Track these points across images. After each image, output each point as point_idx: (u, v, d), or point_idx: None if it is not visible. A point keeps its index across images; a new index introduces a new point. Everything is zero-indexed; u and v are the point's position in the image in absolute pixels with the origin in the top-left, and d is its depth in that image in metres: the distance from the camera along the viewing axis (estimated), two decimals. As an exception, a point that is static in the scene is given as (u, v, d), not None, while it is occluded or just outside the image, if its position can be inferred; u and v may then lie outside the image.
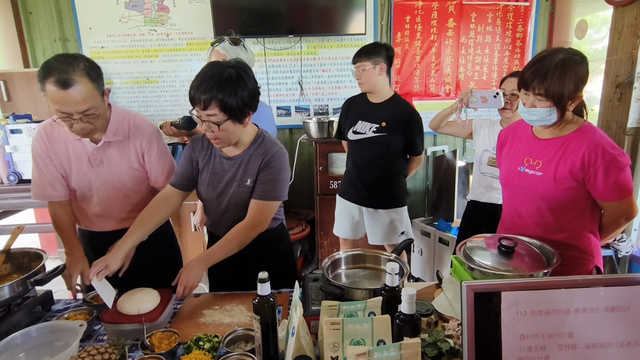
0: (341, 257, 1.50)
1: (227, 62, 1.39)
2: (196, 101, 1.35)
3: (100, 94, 1.45)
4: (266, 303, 1.08)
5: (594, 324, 0.82)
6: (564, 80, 1.31)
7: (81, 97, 1.37)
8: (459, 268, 1.39)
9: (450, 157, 3.15)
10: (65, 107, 1.37)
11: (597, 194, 1.39)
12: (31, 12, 3.32)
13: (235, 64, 1.40)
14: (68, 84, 1.34)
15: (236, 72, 1.36)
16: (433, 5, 3.33)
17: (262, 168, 1.49)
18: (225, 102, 1.32)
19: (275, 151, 1.50)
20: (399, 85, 3.49)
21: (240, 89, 1.34)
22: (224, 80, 1.32)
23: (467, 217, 2.42)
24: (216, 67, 1.36)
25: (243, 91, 1.35)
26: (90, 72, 1.40)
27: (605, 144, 1.34)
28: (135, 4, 3.30)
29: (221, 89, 1.32)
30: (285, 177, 1.52)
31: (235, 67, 1.38)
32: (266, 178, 1.49)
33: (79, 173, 1.60)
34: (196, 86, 1.34)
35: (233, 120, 1.37)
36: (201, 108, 1.34)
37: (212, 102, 1.32)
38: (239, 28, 3.16)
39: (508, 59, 3.45)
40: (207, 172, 1.57)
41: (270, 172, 1.49)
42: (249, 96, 1.38)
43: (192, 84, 1.36)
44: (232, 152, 1.53)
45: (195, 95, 1.34)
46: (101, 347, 1.13)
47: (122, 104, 3.50)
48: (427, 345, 1.09)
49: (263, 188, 1.49)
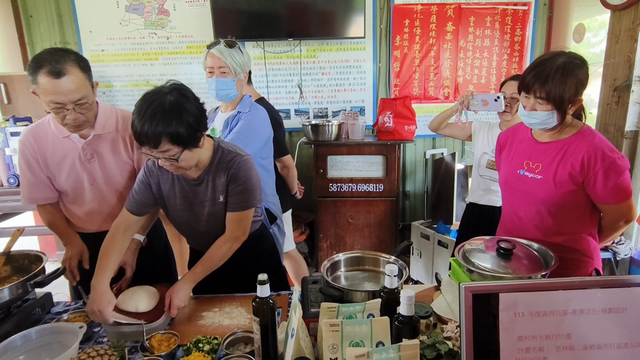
0: (340, 260, 1.50)
1: (162, 89, 1.30)
2: (144, 142, 1.25)
3: (90, 85, 1.47)
4: (265, 305, 1.08)
5: (592, 326, 0.83)
6: (564, 83, 1.32)
7: (74, 86, 1.38)
8: (457, 270, 1.39)
9: (449, 160, 3.16)
10: (59, 96, 1.37)
11: (596, 197, 1.39)
12: (32, 15, 3.34)
13: (172, 87, 1.31)
14: (61, 73, 1.35)
15: (175, 97, 1.28)
16: (432, 8, 3.34)
17: (229, 182, 1.45)
18: (177, 133, 1.25)
19: (236, 162, 1.45)
20: (398, 88, 3.50)
21: (185, 114, 1.27)
22: (167, 111, 1.24)
23: (465, 220, 2.43)
24: (155, 99, 1.26)
25: (189, 116, 1.27)
26: (81, 63, 1.43)
27: (604, 148, 1.35)
28: (135, 7, 3.32)
29: (168, 122, 1.23)
30: (254, 182, 1.48)
31: (172, 92, 1.29)
32: (236, 190, 1.45)
33: (70, 172, 1.60)
34: (140, 125, 1.24)
35: (189, 148, 1.31)
36: (152, 147, 1.26)
37: (162, 138, 1.24)
38: (239, 31, 3.18)
39: (506, 62, 3.47)
40: (174, 197, 1.51)
41: (238, 183, 1.45)
42: (196, 119, 1.30)
43: (133, 122, 1.27)
44: (194, 173, 1.47)
45: (141, 135, 1.24)
46: (101, 349, 1.14)
47: (122, 107, 3.44)
48: (426, 347, 1.09)
49: (235, 200, 1.46)
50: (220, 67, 1.88)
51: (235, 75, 1.91)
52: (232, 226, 1.49)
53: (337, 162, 3.13)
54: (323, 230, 3.22)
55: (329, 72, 3.49)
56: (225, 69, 1.88)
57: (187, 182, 1.49)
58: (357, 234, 3.22)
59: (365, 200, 3.15)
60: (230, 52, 1.88)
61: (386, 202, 3.15)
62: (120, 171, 1.63)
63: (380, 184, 3.13)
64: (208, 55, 1.91)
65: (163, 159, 1.30)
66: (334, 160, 3.13)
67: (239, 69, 1.92)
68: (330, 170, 3.14)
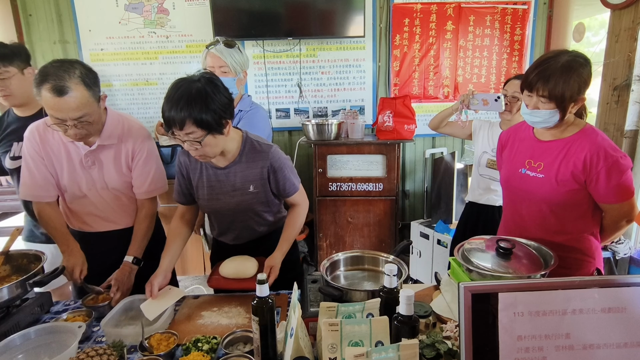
0: (340, 259, 1.50)
1: (192, 77, 1.36)
2: (171, 124, 1.32)
3: (95, 101, 1.46)
4: (265, 304, 1.08)
5: (591, 325, 0.83)
6: (567, 82, 1.31)
7: (75, 105, 1.38)
8: (457, 270, 1.39)
9: (448, 159, 3.16)
10: (59, 113, 1.38)
11: (598, 197, 1.39)
12: (31, 14, 3.33)
13: (201, 76, 1.37)
14: (63, 91, 1.35)
15: (203, 84, 1.33)
16: (432, 8, 3.34)
17: (270, 175, 1.54)
18: (200, 118, 1.30)
19: (272, 152, 1.53)
20: (398, 87, 3.50)
21: (211, 101, 1.32)
22: (193, 97, 1.30)
23: (464, 218, 2.43)
24: (183, 85, 1.33)
25: (214, 103, 1.33)
26: (86, 79, 1.42)
27: (607, 147, 1.35)
28: (134, 6, 3.31)
29: (193, 106, 1.29)
30: (290, 164, 1.59)
31: (201, 79, 1.35)
32: (282, 179, 1.55)
33: (72, 174, 1.60)
34: (167, 109, 1.31)
35: (213, 133, 1.35)
36: (178, 129, 1.32)
37: (187, 121, 1.30)
38: (239, 30, 3.18)
39: (506, 61, 3.47)
40: (202, 187, 1.57)
41: (279, 173, 1.54)
42: (222, 106, 1.36)
43: (162, 107, 1.33)
44: (222, 163, 1.53)
45: (169, 118, 1.32)
46: (100, 349, 1.13)
47: (122, 106, 3.50)
48: (425, 347, 1.09)
49: (285, 186, 1.57)
50: (220, 67, 1.88)
51: (235, 75, 1.91)
52: (296, 205, 1.64)
53: (337, 161, 3.13)
54: (323, 229, 3.22)
55: (329, 71, 3.48)
56: (225, 69, 1.89)
57: (215, 170, 1.54)
58: (356, 233, 3.23)
59: (364, 200, 3.15)
60: (230, 51, 1.89)
61: (386, 201, 3.15)
62: (119, 179, 1.64)
63: (380, 183, 3.12)
64: (207, 55, 1.91)
65: (188, 142, 1.35)
66: (333, 159, 3.13)
67: (239, 68, 1.92)
68: (330, 169, 3.14)
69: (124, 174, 1.64)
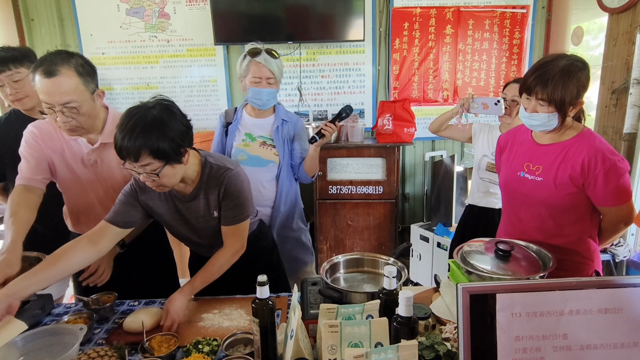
0: (340, 261, 1.51)
1: (147, 104, 1.30)
2: (125, 155, 1.23)
3: (87, 91, 1.45)
4: (265, 306, 1.09)
5: (588, 326, 0.83)
6: (566, 86, 1.32)
7: (64, 88, 1.38)
8: (456, 272, 1.40)
9: (448, 162, 3.17)
10: (47, 96, 1.38)
11: (596, 199, 1.40)
12: (33, 19, 3.35)
13: (156, 102, 1.31)
14: (52, 73, 1.36)
15: (159, 111, 1.27)
16: (431, 12, 3.36)
17: (222, 198, 1.46)
18: (157, 147, 1.23)
19: (226, 177, 1.44)
20: (398, 91, 3.51)
21: (168, 129, 1.25)
22: (149, 125, 1.23)
23: (464, 221, 2.44)
24: (137, 113, 1.25)
25: (172, 131, 1.26)
26: (81, 68, 1.42)
27: (605, 150, 1.36)
28: (136, 10, 3.33)
29: (148, 136, 1.21)
30: (246, 195, 1.48)
31: (157, 106, 1.29)
32: (230, 205, 1.46)
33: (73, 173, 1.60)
34: (120, 138, 1.22)
35: (171, 163, 1.29)
36: (132, 160, 1.24)
37: (142, 151, 1.22)
38: (239, 34, 3.20)
39: (505, 65, 3.48)
40: (170, 213, 1.51)
41: (230, 198, 1.45)
42: (180, 134, 1.29)
43: (115, 136, 1.25)
44: (185, 190, 1.46)
45: (121, 148, 1.23)
46: (101, 350, 1.14)
47: (123, 109, 3.47)
48: (425, 348, 1.09)
49: (231, 214, 1.47)
50: (268, 78, 1.89)
51: (278, 86, 1.94)
52: (229, 240, 1.49)
53: (337, 164, 3.14)
54: (323, 232, 3.22)
55: (329, 74, 3.50)
56: (272, 80, 1.90)
57: (179, 199, 1.48)
58: (356, 236, 3.23)
59: (364, 203, 3.16)
60: (275, 62, 1.89)
61: (385, 204, 3.16)
62: (122, 178, 1.63)
63: (380, 187, 3.13)
64: (251, 63, 1.89)
65: (145, 174, 1.27)
66: (333, 162, 3.14)
67: (280, 78, 1.96)
68: (330, 172, 3.15)
69: (126, 174, 1.64)
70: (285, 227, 2.07)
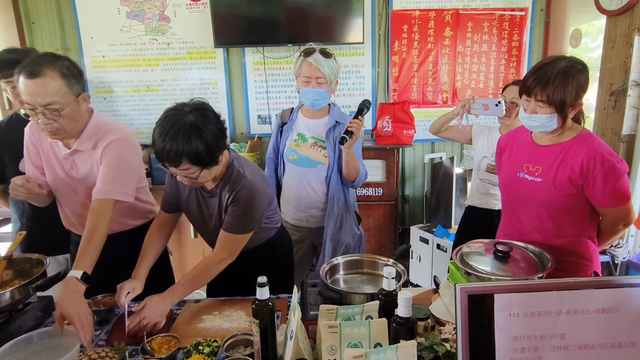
0: (339, 263, 1.52)
1: (183, 107, 1.31)
2: (164, 159, 1.28)
3: (71, 93, 1.42)
4: (265, 307, 1.09)
5: (585, 326, 0.84)
6: (565, 87, 1.33)
7: (46, 90, 1.36)
8: (455, 273, 1.40)
9: (448, 164, 3.18)
10: (29, 97, 1.36)
11: (595, 201, 1.41)
12: (34, 22, 3.37)
13: (193, 106, 1.32)
14: (36, 74, 1.34)
15: (196, 116, 1.29)
16: (430, 14, 3.37)
17: (230, 202, 1.46)
18: (195, 154, 1.27)
19: (242, 185, 1.44)
20: (397, 93, 3.52)
21: (205, 133, 1.28)
22: (187, 131, 1.25)
23: (464, 222, 2.44)
24: (174, 118, 1.27)
25: (208, 135, 1.28)
26: (66, 70, 1.40)
27: (603, 151, 1.37)
28: (136, 13, 3.35)
29: (187, 143, 1.25)
30: (255, 209, 1.46)
31: (193, 110, 1.30)
32: (235, 212, 1.45)
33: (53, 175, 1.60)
34: (161, 142, 1.26)
35: (208, 167, 1.34)
36: (173, 166, 1.29)
37: (182, 158, 1.26)
38: (239, 37, 3.22)
39: (504, 67, 3.49)
40: (192, 203, 1.57)
41: (237, 206, 1.44)
42: (216, 138, 1.31)
43: (154, 138, 1.28)
44: (209, 185, 1.51)
45: (162, 152, 1.26)
46: (102, 352, 1.15)
47: (123, 112, 3.53)
48: (424, 349, 1.10)
49: (231, 220, 1.46)
50: (317, 78, 1.87)
51: (329, 86, 1.91)
52: (220, 246, 1.47)
53: (337, 166, 3.14)
54: (323, 234, 3.22)
55: (328, 77, 3.51)
56: (321, 80, 1.87)
57: (202, 192, 1.54)
58: (356, 238, 3.23)
59: (364, 205, 3.16)
60: (327, 61, 1.87)
61: (385, 206, 3.16)
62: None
63: (380, 188, 3.14)
64: (304, 63, 1.89)
65: (182, 176, 1.35)
66: (333, 164, 3.14)
67: (333, 78, 1.91)
68: (330, 174, 3.15)
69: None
70: (339, 231, 2.01)
